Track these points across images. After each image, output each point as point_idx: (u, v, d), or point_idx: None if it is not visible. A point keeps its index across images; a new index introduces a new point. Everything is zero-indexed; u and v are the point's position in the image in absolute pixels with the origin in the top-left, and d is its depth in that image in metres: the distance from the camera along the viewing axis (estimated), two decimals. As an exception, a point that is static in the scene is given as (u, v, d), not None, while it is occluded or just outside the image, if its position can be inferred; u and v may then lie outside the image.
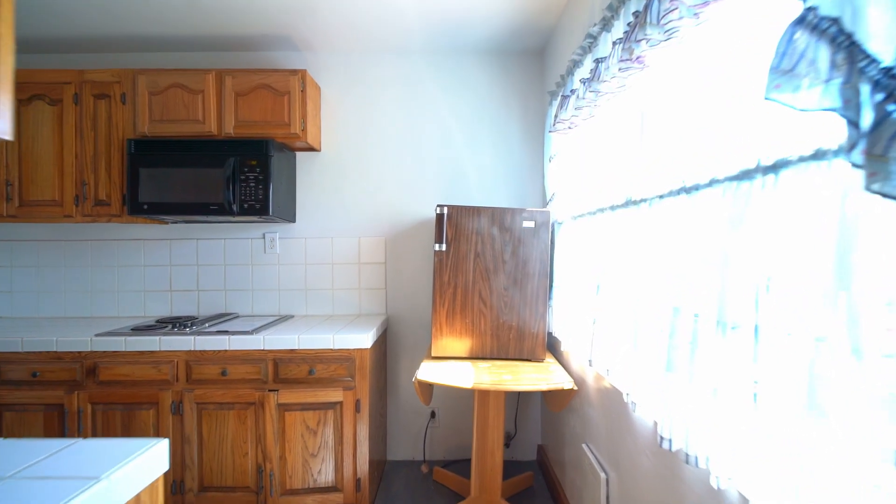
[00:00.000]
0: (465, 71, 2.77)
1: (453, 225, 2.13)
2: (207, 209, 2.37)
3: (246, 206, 2.37)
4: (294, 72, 2.43)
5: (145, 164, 2.37)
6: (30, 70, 2.45)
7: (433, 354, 2.14)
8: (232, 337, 2.16)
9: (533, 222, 2.13)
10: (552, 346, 2.40)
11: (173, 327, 2.29)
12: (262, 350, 2.16)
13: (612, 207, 1.58)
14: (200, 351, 2.16)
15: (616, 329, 1.52)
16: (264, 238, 2.77)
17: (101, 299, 2.79)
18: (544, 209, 2.16)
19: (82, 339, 2.16)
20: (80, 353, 2.17)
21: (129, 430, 2.17)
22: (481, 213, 2.13)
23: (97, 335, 2.19)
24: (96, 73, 2.45)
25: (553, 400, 2.02)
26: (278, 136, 2.44)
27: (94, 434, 2.17)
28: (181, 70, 2.42)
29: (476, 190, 2.78)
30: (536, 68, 2.78)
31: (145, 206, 2.38)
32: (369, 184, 2.78)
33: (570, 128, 1.97)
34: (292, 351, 2.16)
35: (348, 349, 2.16)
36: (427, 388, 2.08)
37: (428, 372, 1.95)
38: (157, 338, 2.16)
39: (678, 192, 1.13)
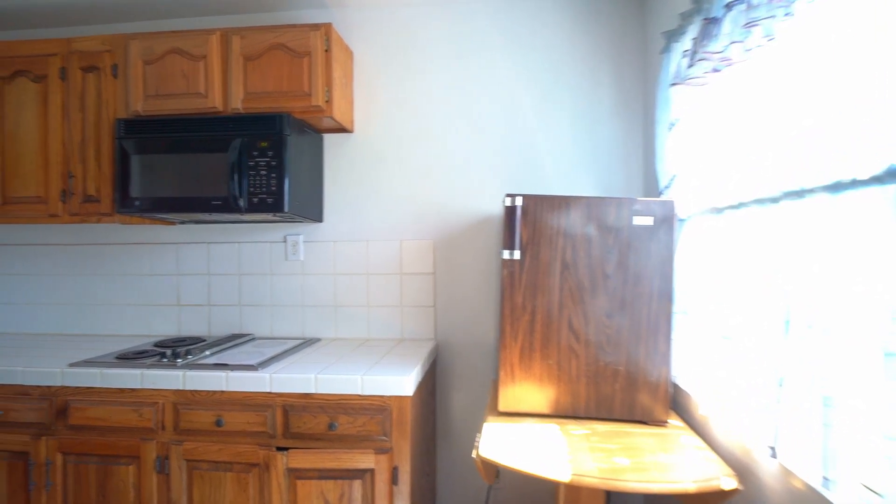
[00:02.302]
0: (537, 21, 2.11)
1: (530, 223, 1.47)
2: (209, 205, 1.86)
3: (256, 200, 1.83)
4: (315, 26, 1.87)
5: (137, 149, 1.89)
6: (12, 42, 2.04)
7: (501, 409, 1.49)
8: (230, 374, 1.61)
9: (651, 218, 1.44)
10: (676, 401, 1.66)
11: (163, 357, 1.78)
12: (269, 393, 1.60)
13: (818, 190, 0.87)
14: (191, 391, 1.64)
15: (842, 404, 0.82)
16: (286, 241, 2.24)
17: (102, 314, 2.36)
18: (665, 199, 1.46)
19: (52, 370, 1.70)
20: (49, 387, 1.71)
21: (104, 490, 1.67)
22: (571, 206, 1.46)
23: (71, 365, 1.72)
24: (84, 41, 2.01)
25: (692, 499, 1.31)
26: (296, 111, 1.89)
27: (65, 493, 1.70)
28: (180, 32, 1.92)
29: (553, 176, 2.11)
30: (634, 8, 2.07)
31: (137, 202, 1.90)
32: (414, 172, 2.18)
33: (715, 71, 1.27)
34: (307, 396, 1.59)
35: (382, 397, 1.56)
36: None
37: (494, 441, 1.30)
38: (139, 371, 1.66)
39: None
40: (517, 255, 1.48)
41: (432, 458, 2.08)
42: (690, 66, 1.34)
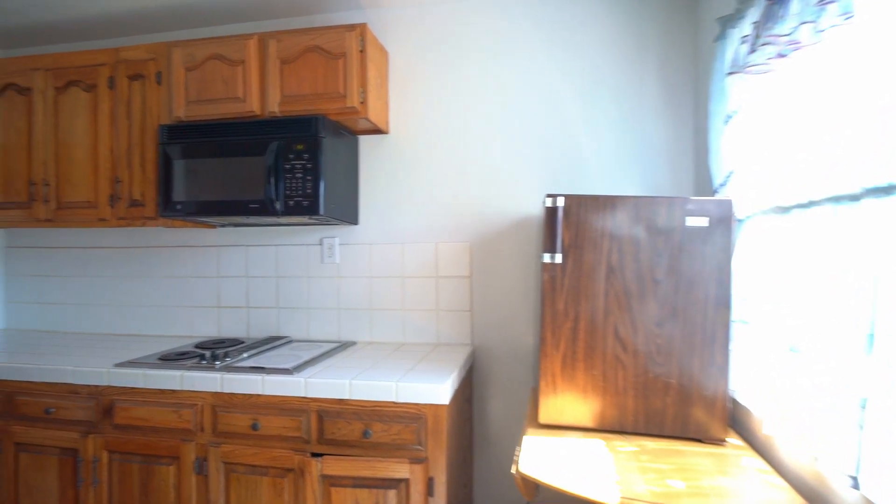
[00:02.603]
0: (578, 14, 2.02)
1: (573, 224, 1.39)
2: (247, 208, 1.87)
3: (291, 203, 1.83)
4: (351, 27, 1.85)
5: (179, 155, 1.93)
6: (65, 53, 2.13)
7: (541, 421, 1.42)
8: (266, 377, 1.61)
9: (705, 218, 1.33)
10: (735, 418, 1.53)
11: (203, 359, 1.80)
12: (303, 398, 1.59)
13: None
14: (229, 394, 1.64)
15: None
16: (321, 244, 2.24)
17: (148, 315, 2.43)
18: (722, 198, 1.34)
19: (99, 370, 1.74)
20: (96, 387, 1.76)
21: (146, 489, 1.70)
22: (618, 206, 1.37)
23: (116, 365, 1.76)
24: (131, 50, 2.07)
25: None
26: (332, 113, 1.88)
27: (110, 490, 1.74)
28: (219, 38, 1.95)
29: (595, 175, 2.01)
30: None
31: (178, 206, 1.93)
32: (450, 173, 2.12)
33: (780, 56, 1.15)
34: (342, 402, 1.56)
35: (417, 405, 1.51)
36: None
37: (535, 456, 1.23)
38: (180, 373, 1.68)
39: None
40: (559, 258, 1.40)
41: (469, 469, 2.02)
42: (751, 51, 1.22)
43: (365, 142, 2.20)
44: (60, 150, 2.14)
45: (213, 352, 1.85)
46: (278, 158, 1.83)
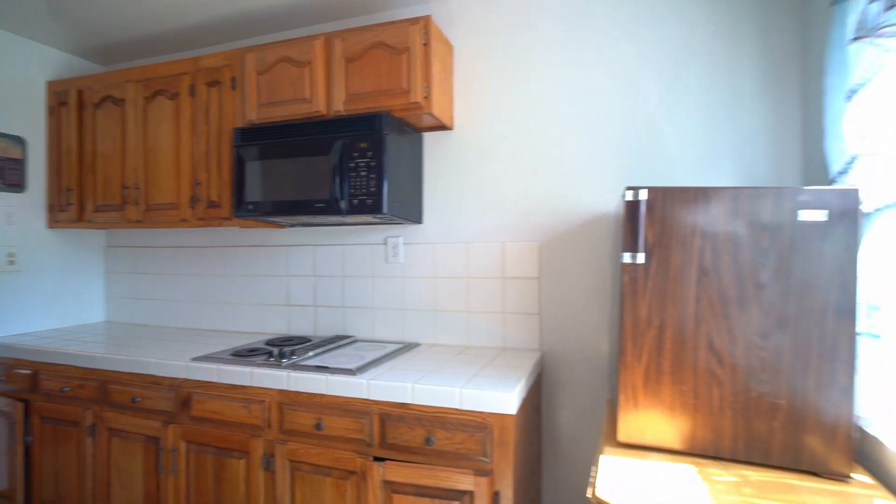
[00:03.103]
0: (662, -11, 1.83)
1: (657, 220, 1.24)
2: (313, 207, 1.88)
3: (356, 202, 1.81)
4: (414, 20, 1.80)
5: (251, 156, 1.98)
6: (152, 65, 2.27)
7: (620, 439, 1.27)
8: (329, 377, 1.59)
9: (823, 212, 1.12)
10: (861, 450, 1.28)
11: (270, 356, 1.83)
12: (366, 400, 1.55)
13: None
14: (294, 392, 1.65)
15: None
16: (386, 244, 2.21)
17: (225, 311, 2.54)
18: (846, 187, 1.13)
19: (178, 363, 1.83)
20: (175, 379, 1.84)
21: (220, 480, 1.76)
22: (712, 199, 1.20)
23: (193, 359, 1.84)
24: (209, 58, 2.17)
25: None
26: (396, 109, 1.84)
27: (188, 479, 1.82)
28: (287, 41, 1.98)
29: (680, 168, 1.81)
30: (789, -36, 1.70)
31: (250, 207, 1.99)
32: (518, 169, 2.02)
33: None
34: (404, 406, 1.51)
35: (482, 413, 1.42)
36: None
37: (614, 479, 1.10)
38: (249, 369, 1.71)
39: None
40: (641, 258, 1.25)
41: (537, 483, 1.89)
42: (889, 7, 1.01)
43: (429, 139, 2.15)
44: (149, 155, 2.29)
45: (281, 349, 1.88)
46: (343, 157, 1.82)
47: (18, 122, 2.46)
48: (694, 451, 1.21)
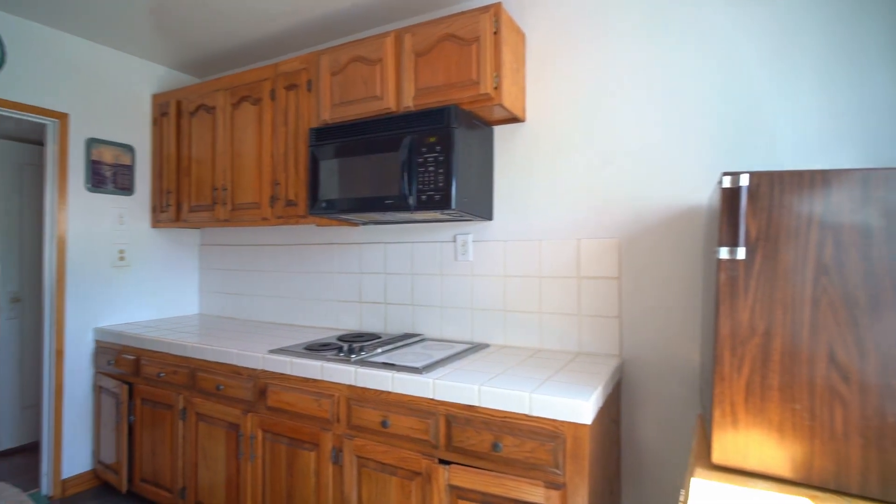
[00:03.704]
0: (766, -48, 1.61)
1: (762, 210, 1.07)
2: (382, 204, 1.87)
3: (424, 197, 1.78)
4: (484, 9, 1.74)
5: (324, 155, 2.03)
6: (239, 73, 2.41)
7: (715, 460, 1.11)
8: (396, 375, 1.57)
9: None
10: None
11: (340, 351, 1.85)
12: (432, 400, 1.51)
13: None
14: (362, 388, 1.65)
15: None
16: (455, 241, 2.17)
17: (302, 307, 2.64)
18: None
19: (256, 355, 1.91)
20: (254, 370, 1.92)
21: (292, 470, 1.80)
22: (833, 183, 1.01)
23: (269, 351, 1.91)
24: (288, 63, 2.26)
25: None
26: (464, 102, 1.78)
27: (264, 466, 1.89)
28: (359, 40, 2.00)
29: (787, 152, 1.58)
30: None
31: (323, 204, 2.03)
32: (595, 160, 1.88)
33: None
34: (471, 408, 1.44)
35: (554, 421, 1.32)
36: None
37: (710, 508, 0.95)
38: (320, 364, 1.74)
39: None
40: (741, 253, 1.08)
41: (616, 503, 1.74)
42: None
43: (500, 133, 2.07)
44: (234, 158, 2.43)
45: (351, 345, 1.90)
46: (411, 153, 1.80)
47: (128, 132, 2.73)
48: (810, 482, 1.02)
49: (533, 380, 1.48)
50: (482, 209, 1.99)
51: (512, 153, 2.04)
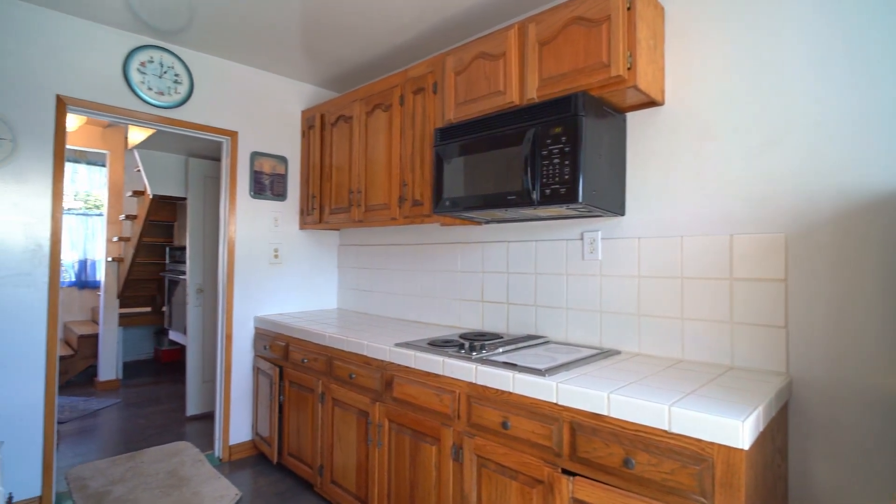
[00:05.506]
0: None
1: None
2: (504, 200, 1.83)
3: (548, 191, 1.70)
4: (617, -16, 1.60)
5: (448, 154, 2.06)
6: (372, 83, 2.58)
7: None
8: (516, 375, 1.51)
9: None
10: None
11: (461, 348, 1.85)
12: (554, 405, 1.41)
13: None
14: (482, 386, 1.62)
15: None
16: (582, 239, 2.03)
17: (427, 304, 2.71)
18: None
19: (384, 347, 2.00)
20: (381, 361, 2.02)
21: (414, 462, 1.85)
22: None
23: (396, 345, 1.99)
24: (415, 68, 2.35)
25: None
26: (593, 87, 1.66)
27: (389, 454, 1.96)
28: (483, 37, 2.00)
29: None
30: None
31: (446, 203, 2.06)
32: (752, 142, 1.61)
33: None
34: (598, 417, 1.32)
35: (700, 441, 1.14)
36: None
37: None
38: (441, 359, 1.76)
39: None
40: (978, 244, 0.81)
41: (781, 546, 1.45)
42: None
43: (634, 120, 1.89)
44: (368, 162, 2.60)
45: (472, 343, 1.88)
46: (535, 146, 1.73)
47: (282, 145, 3.10)
48: None
49: (672, 392, 1.30)
50: (613, 203, 1.83)
51: (648, 141, 1.85)
